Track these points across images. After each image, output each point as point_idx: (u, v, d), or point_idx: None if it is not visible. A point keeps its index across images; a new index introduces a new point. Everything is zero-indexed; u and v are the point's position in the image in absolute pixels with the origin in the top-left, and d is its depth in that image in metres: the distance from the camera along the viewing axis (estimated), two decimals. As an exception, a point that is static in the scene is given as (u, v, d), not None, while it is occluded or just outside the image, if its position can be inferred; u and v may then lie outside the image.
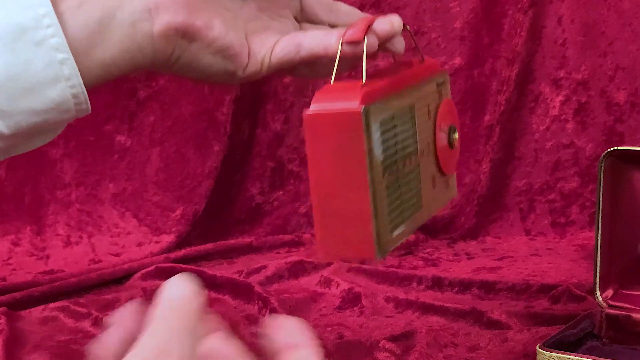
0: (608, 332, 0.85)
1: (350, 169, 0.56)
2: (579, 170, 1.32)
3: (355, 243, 0.57)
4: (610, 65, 1.31)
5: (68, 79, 0.58)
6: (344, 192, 0.57)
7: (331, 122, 0.56)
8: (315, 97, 0.57)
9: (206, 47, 0.61)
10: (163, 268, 1.16)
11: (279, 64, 0.64)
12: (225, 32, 0.62)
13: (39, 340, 0.94)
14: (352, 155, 0.56)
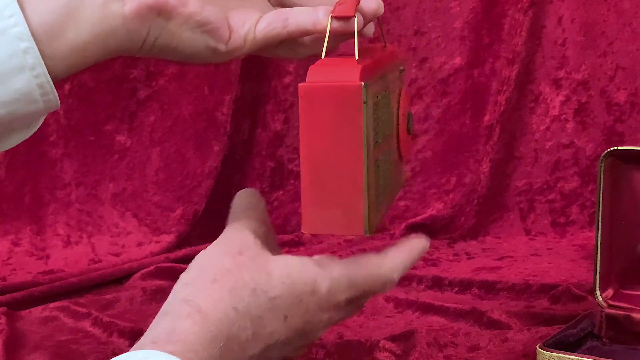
0: (608, 332, 0.85)
1: (345, 142, 0.56)
2: (579, 170, 1.32)
3: (344, 218, 0.57)
4: (610, 65, 1.31)
5: (32, 68, 0.56)
6: (336, 165, 0.56)
7: (329, 95, 0.56)
8: (311, 70, 0.57)
9: (184, 23, 0.60)
10: (163, 268, 1.16)
11: (265, 39, 0.62)
12: (201, 7, 0.60)
13: (39, 340, 0.94)
14: (348, 129, 0.56)
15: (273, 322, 0.56)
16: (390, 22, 1.35)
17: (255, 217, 0.62)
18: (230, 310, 0.55)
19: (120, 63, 1.34)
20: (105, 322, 0.96)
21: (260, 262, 0.57)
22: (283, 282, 0.57)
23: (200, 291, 0.55)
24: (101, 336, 0.94)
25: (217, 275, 0.56)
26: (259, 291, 0.56)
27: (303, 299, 0.57)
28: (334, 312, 0.59)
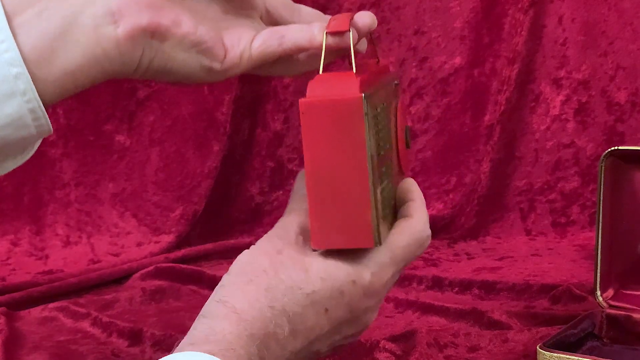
0: (608, 333, 0.85)
1: (349, 155, 0.57)
2: (580, 170, 1.32)
3: (353, 231, 0.58)
4: (610, 65, 1.31)
5: (24, 93, 0.57)
6: (342, 179, 0.57)
7: (330, 109, 0.56)
8: (310, 85, 0.57)
9: (178, 44, 0.60)
10: (163, 268, 1.16)
11: (261, 57, 0.63)
12: (195, 27, 0.61)
13: (38, 340, 0.94)
14: (351, 142, 0.56)
15: (313, 317, 0.58)
16: (390, 22, 1.35)
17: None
18: (266, 309, 0.56)
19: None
20: (104, 323, 0.96)
21: (298, 260, 0.58)
22: (321, 278, 0.58)
23: (236, 292, 0.57)
24: (100, 336, 0.94)
25: (253, 276, 0.57)
26: (295, 288, 0.57)
27: (344, 291, 0.58)
28: (382, 291, 0.61)
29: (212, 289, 1.09)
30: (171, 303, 1.07)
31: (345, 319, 0.59)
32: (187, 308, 1.04)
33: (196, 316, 1.02)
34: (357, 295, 0.59)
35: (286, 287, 0.57)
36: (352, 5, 1.34)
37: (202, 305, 1.05)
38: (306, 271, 0.58)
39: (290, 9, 0.68)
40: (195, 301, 1.06)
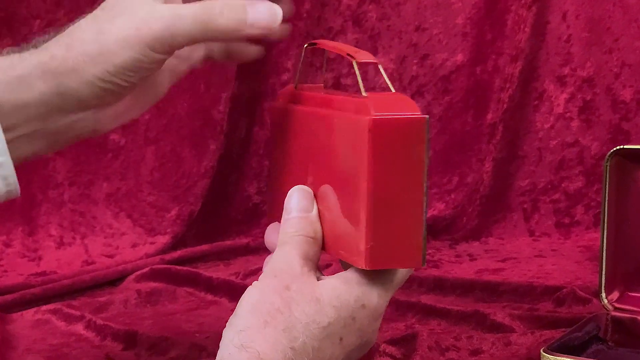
0: (614, 336, 0.85)
1: (408, 176, 0.58)
2: (584, 169, 1.32)
3: (404, 251, 0.59)
4: (616, 62, 1.31)
5: (5, 177, 0.64)
6: (399, 199, 0.58)
7: (398, 129, 0.57)
8: (371, 103, 0.58)
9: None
10: (158, 270, 1.16)
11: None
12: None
13: (31, 343, 0.94)
14: (412, 163, 0.58)
15: (329, 348, 0.59)
16: (391, 18, 1.35)
17: (307, 232, 0.62)
18: (288, 350, 0.56)
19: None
20: (98, 325, 0.96)
21: (308, 292, 0.58)
22: (334, 306, 0.58)
23: (256, 336, 0.57)
24: (94, 339, 0.94)
25: (268, 317, 0.57)
26: (312, 324, 0.58)
27: (356, 317, 0.60)
28: (384, 309, 0.62)
29: (209, 291, 1.10)
30: (167, 305, 1.07)
31: (357, 344, 0.61)
32: (183, 310, 1.03)
33: (193, 318, 1.03)
34: (367, 319, 0.60)
35: (303, 325, 0.57)
36: (352, 1, 1.34)
37: (199, 307, 1.06)
38: (318, 302, 0.58)
39: None
40: (192, 303, 1.06)
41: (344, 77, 1.35)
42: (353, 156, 0.58)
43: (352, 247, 0.59)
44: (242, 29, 0.64)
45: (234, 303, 1.05)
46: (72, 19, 0.67)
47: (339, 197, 0.60)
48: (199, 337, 0.91)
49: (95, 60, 0.64)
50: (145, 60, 0.64)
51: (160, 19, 0.64)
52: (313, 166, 0.64)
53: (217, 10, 0.64)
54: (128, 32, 0.64)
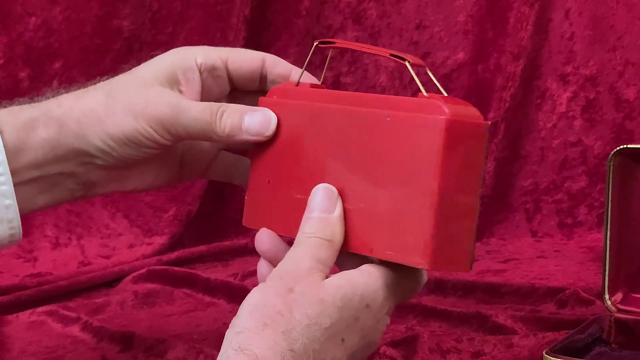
0: (617, 338, 0.85)
1: (468, 181, 0.59)
2: (587, 169, 1.32)
3: (457, 254, 0.60)
4: (619, 60, 1.31)
5: (10, 221, 0.67)
6: (460, 202, 0.59)
7: (466, 132, 0.58)
8: (445, 105, 0.58)
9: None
10: (155, 271, 1.16)
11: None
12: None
13: (26, 345, 0.94)
14: (474, 167, 0.59)
15: (331, 349, 0.59)
16: (391, 16, 1.35)
17: (325, 234, 0.62)
18: (287, 352, 0.56)
19: (111, 58, 1.34)
20: (95, 327, 0.95)
21: (312, 293, 0.58)
22: (337, 307, 0.59)
23: (254, 338, 0.57)
24: (91, 342, 0.94)
25: (268, 320, 0.57)
26: (313, 326, 0.58)
27: (359, 317, 0.60)
28: (391, 309, 0.63)
29: (207, 292, 1.10)
30: (164, 307, 1.07)
31: (359, 345, 0.61)
32: (180, 312, 1.03)
33: (190, 320, 1.02)
34: (371, 320, 0.61)
35: (303, 327, 0.57)
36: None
37: (196, 309, 1.06)
38: (322, 303, 0.58)
39: None
40: (189, 305, 1.06)
41: (344, 76, 1.35)
42: (417, 155, 0.58)
43: (407, 246, 0.59)
44: (236, 134, 0.68)
45: (232, 304, 1.05)
46: (68, 17, 0.68)
47: (388, 196, 0.60)
48: (196, 339, 0.91)
49: (99, 118, 0.67)
50: (145, 135, 0.67)
51: (167, 104, 0.68)
52: (338, 163, 0.63)
53: (218, 112, 0.68)
54: (137, 104, 0.67)
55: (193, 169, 0.76)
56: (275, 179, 0.67)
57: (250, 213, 0.70)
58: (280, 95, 0.69)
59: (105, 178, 0.71)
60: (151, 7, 1.36)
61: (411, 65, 0.62)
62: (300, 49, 1.35)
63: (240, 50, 0.74)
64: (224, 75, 0.72)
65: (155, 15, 1.36)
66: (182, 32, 1.36)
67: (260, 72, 0.72)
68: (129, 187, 0.73)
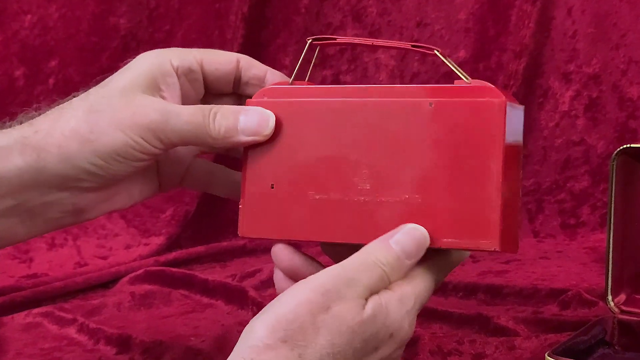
0: (620, 339, 0.85)
1: (516, 161, 0.62)
2: (590, 168, 1.32)
3: (512, 235, 0.61)
4: (622, 59, 1.31)
5: None
6: (512, 183, 0.61)
7: (515, 114, 0.61)
8: (492, 87, 0.61)
9: None
10: (152, 272, 1.16)
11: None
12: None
13: (22, 347, 0.94)
14: (518, 151, 0.62)
15: None
16: (392, 13, 1.35)
17: (393, 275, 0.61)
18: None
19: (108, 56, 1.34)
20: (91, 329, 0.95)
21: (346, 321, 0.57)
22: (364, 339, 0.58)
23: (267, 354, 0.55)
24: (87, 343, 0.94)
25: (290, 336, 0.56)
26: (334, 355, 0.56)
27: (379, 347, 0.59)
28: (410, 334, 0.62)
29: (204, 294, 1.10)
30: (161, 308, 1.07)
31: None
32: (178, 313, 1.03)
33: (188, 322, 1.02)
34: (391, 349, 0.60)
35: (323, 355, 0.56)
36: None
37: (194, 311, 1.05)
38: (352, 333, 0.57)
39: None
40: (187, 306, 1.06)
41: (343, 74, 1.35)
42: (475, 138, 0.60)
43: (474, 229, 0.60)
44: (233, 135, 0.65)
45: (230, 306, 1.05)
46: (64, 15, 0.67)
47: (444, 182, 0.61)
48: (194, 341, 0.91)
49: (84, 138, 0.64)
50: (136, 147, 0.64)
51: (157, 110, 0.65)
52: (369, 157, 0.63)
53: (210, 114, 0.65)
54: (123, 116, 0.64)
55: (170, 179, 0.74)
56: (283, 183, 0.66)
57: (248, 222, 0.67)
58: (273, 95, 0.67)
59: (93, 201, 0.68)
60: (148, 4, 1.36)
61: (440, 54, 0.63)
62: (299, 47, 1.35)
63: (214, 51, 0.71)
64: (200, 78, 0.70)
65: (152, 13, 1.36)
66: (179, 30, 1.36)
67: (234, 74, 0.70)
68: (117, 205, 0.70)
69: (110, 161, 0.65)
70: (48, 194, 0.66)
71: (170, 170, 0.73)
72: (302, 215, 0.64)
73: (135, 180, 0.70)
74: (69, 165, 0.64)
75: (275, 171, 0.66)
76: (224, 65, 0.70)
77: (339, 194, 0.64)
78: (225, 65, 0.70)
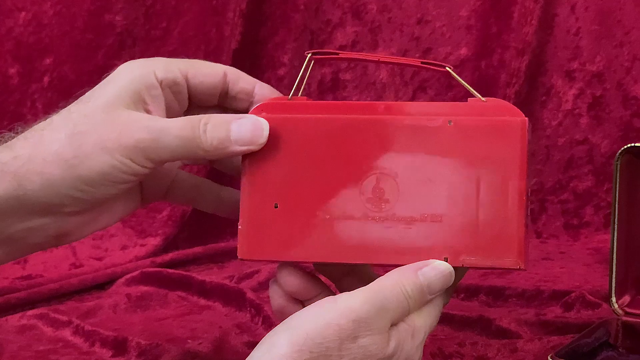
0: (625, 342, 0.85)
1: (526, 179, 0.62)
2: (594, 168, 1.32)
3: (527, 251, 0.62)
4: (627, 56, 1.31)
5: None
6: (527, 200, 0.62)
7: (526, 131, 0.62)
8: (507, 104, 0.62)
9: None
10: (149, 273, 1.16)
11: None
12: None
13: (16, 350, 0.94)
14: (526, 166, 0.62)
15: None
16: (392, 10, 1.35)
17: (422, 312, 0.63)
18: None
19: (103, 54, 1.34)
20: (86, 331, 0.95)
21: (370, 354, 0.58)
22: None
23: None
24: (83, 346, 0.94)
25: (313, 354, 0.56)
26: None
27: None
28: None
29: (202, 295, 1.10)
30: (158, 310, 1.07)
31: None
32: (175, 315, 1.03)
33: (185, 324, 1.02)
34: None
35: None
36: (351, -8, 1.35)
37: (191, 312, 1.05)
38: None
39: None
40: (184, 308, 1.06)
41: (343, 73, 1.35)
42: (497, 156, 0.61)
43: (497, 248, 0.61)
44: (226, 147, 0.63)
45: (227, 307, 1.05)
46: (59, 12, 0.67)
47: (463, 201, 0.61)
48: (191, 344, 0.91)
49: (67, 163, 0.62)
50: (123, 170, 0.62)
51: (144, 128, 0.62)
52: (382, 176, 0.63)
53: (200, 126, 0.63)
54: (109, 137, 0.62)
55: (153, 193, 0.71)
56: (288, 202, 0.64)
57: (249, 243, 0.65)
58: (273, 111, 0.65)
59: (76, 225, 0.66)
60: (145, 1, 1.36)
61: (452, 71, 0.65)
62: (298, 45, 1.35)
63: (200, 62, 0.69)
64: (184, 91, 0.67)
65: (149, 10, 1.36)
66: (176, 27, 1.36)
67: (221, 87, 0.68)
68: (100, 225, 0.68)
69: (96, 185, 0.62)
70: (29, 220, 0.63)
71: (154, 184, 0.71)
72: (311, 236, 0.63)
73: (118, 199, 0.68)
74: (52, 193, 0.62)
75: (278, 190, 0.64)
76: (209, 78, 0.67)
77: (350, 213, 0.63)
78: (211, 77, 0.68)
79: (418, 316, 0.61)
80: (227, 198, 0.72)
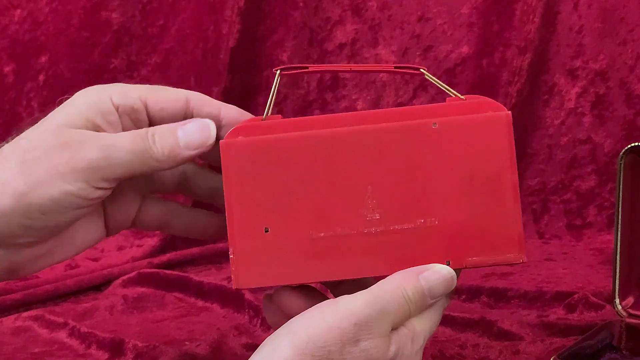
0: (628, 343, 0.85)
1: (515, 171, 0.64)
2: (597, 167, 1.32)
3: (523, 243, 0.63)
4: (630, 54, 1.31)
5: None
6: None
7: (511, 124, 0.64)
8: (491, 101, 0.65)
9: None
10: (145, 274, 1.16)
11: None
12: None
13: (11, 352, 0.94)
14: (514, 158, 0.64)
15: None
16: (392, 8, 1.35)
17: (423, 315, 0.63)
18: None
19: (99, 52, 1.34)
20: (82, 333, 0.95)
21: (373, 356, 0.58)
22: None
23: None
24: (79, 348, 0.94)
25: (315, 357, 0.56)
26: None
27: None
28: None
29: (199, 297, 1.10)
30: (155, 312, 1.07)
31: None
32: (172, 317, 1.03)
33: (182, 325, 1.02)
34: None
35: None
36: (351, -11, 1.35)
37: (189, 314, 1.05)
38: None
39: None
40: (181, 309, 1.06)
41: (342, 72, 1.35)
42: (485, 153, 0.62)
43: (497, 244, 0.61)
44: (178, 153, 0.63)
45: (225, 309, 1.05)
46: (55, 9, 0.66)
47: (459, 201, 0.62)
48: (189, 346, 0.91)
49: (18, 191, 0.60)
50: (77, 194, 0.61)
51: (95, 147, 0.61)
52: (375, 186, 0.62)
53: (149, 137, 0.63)
54: (59, 161, 0.61)
55: (118, 221, 0.70)
56: (279, 225, 0.63)
57: (243, 272, 0.64)
58: (249, 133, 0.63)
59: (30, 257, 0.65)
60: (141, -2, 1.36)
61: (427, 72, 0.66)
62: (297, 43, 1.35)
63: (161, 88, 0.67)
64: (144, 118, 0.66)
65: (145, 7, 1.36)
66: (173, 25, 1.36)
67: (183, 113, 0.67)
68: (59, 258, 0.67)
69: (49, 213, 0.61)
70: None
71: (118, 212, 0.70)
72: (306, 257, 0.63)
73: (78, 228, 0.67)
74: (2, 224, 0.60)
75: (267, 214, 0.63)
76: (171, 104, 0.66)
77: (345, 229, 0.62)
78: (172, 104, 0.66)
79: (418, 321, 0.62)
80: (199, 219, 0.73)
